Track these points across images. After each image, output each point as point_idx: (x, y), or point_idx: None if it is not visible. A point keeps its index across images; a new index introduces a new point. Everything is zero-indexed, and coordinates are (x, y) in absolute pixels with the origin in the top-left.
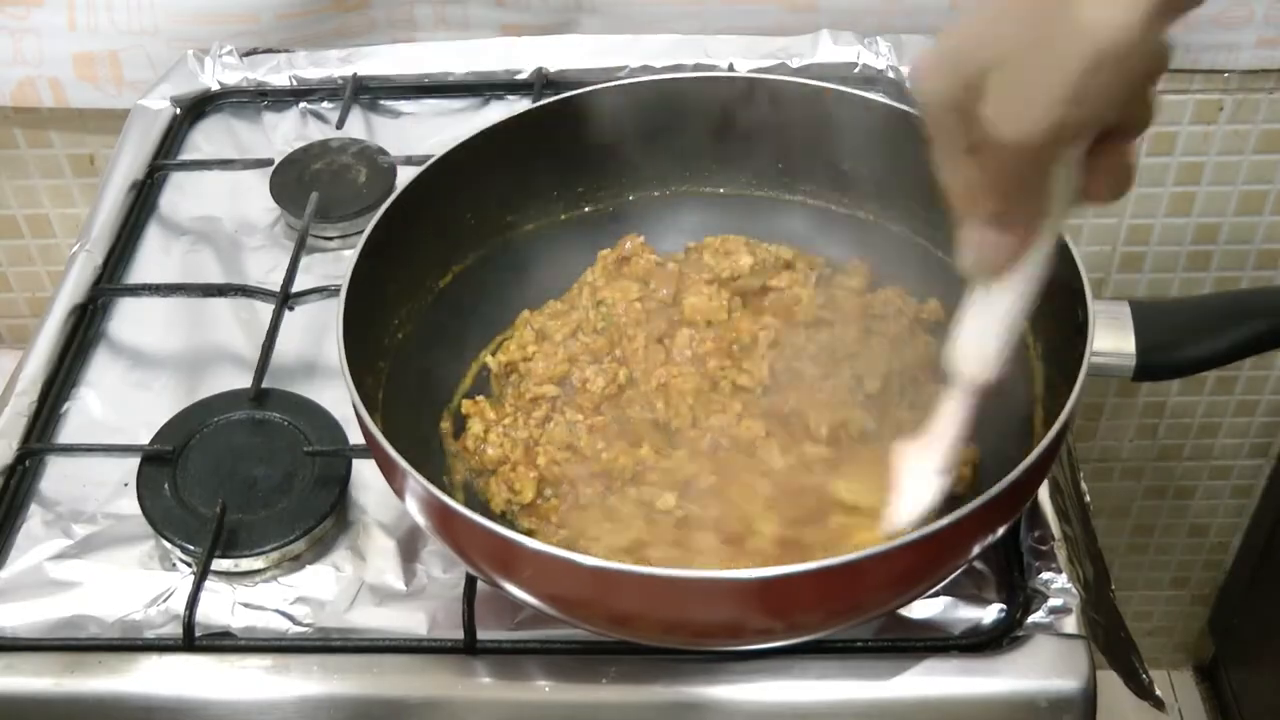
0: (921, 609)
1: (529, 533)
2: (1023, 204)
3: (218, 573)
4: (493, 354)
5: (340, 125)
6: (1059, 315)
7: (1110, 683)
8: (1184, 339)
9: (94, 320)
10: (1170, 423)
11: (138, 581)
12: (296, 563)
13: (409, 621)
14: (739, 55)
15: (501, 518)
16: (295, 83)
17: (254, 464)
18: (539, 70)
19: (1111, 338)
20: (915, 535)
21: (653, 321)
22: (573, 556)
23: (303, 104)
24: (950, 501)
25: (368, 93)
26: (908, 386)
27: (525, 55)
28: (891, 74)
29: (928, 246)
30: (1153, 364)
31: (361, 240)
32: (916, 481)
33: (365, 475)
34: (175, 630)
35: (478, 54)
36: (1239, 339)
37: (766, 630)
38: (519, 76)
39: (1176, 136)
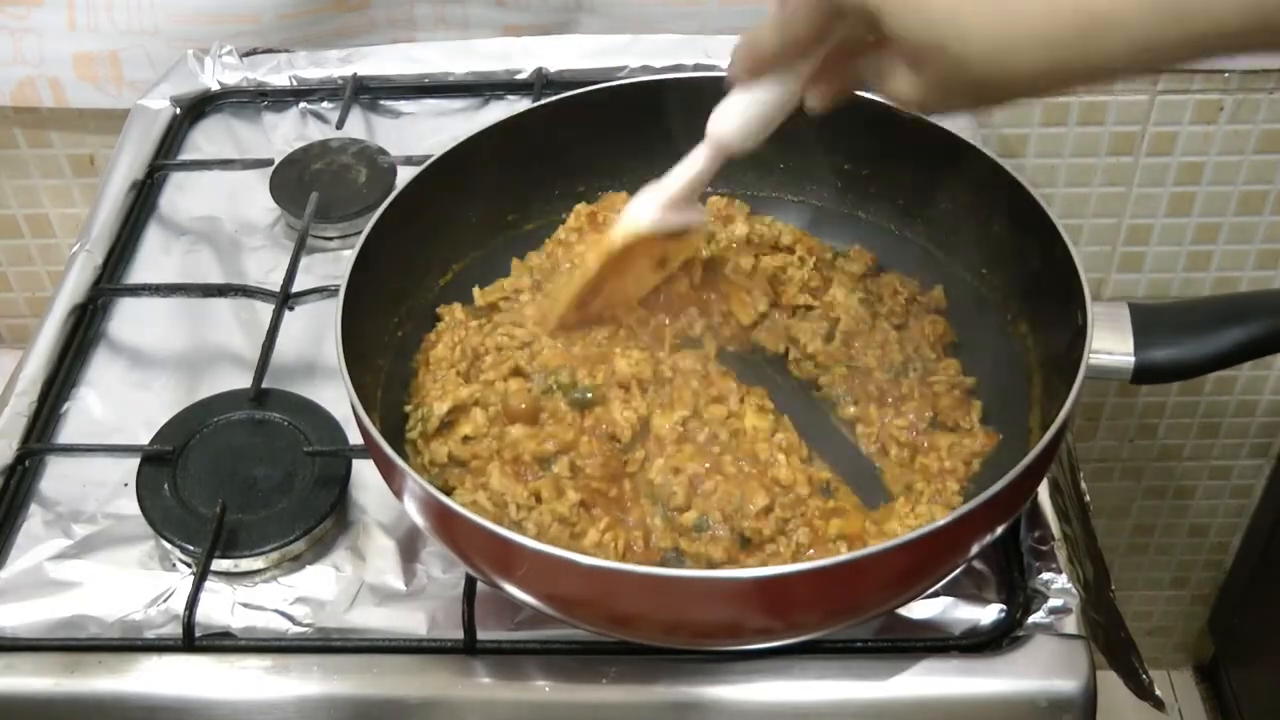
0: (921, 609)
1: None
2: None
3: (218, 573)
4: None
5: (340, 125)
6: (1058, 317)
7: (1110, 683)
8: (1183, 342)
9: (94, 320)
10: (1170, 423)
11: (138, 581)
12: (296, 563)
13: (409, 621)
14: None
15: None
16: (295, 83)
17: (254, 464)
18: (539, 70)
19: (1110, 341)
20: (915, 535)
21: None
22: (572, 556)
23: (303, 104)
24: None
25: (368, 93)
26: (914, 359)
27: (525, 55)
28: None
29: (928, 248)
30: (1151, 367)
31: (360, 240)
32: (640, 205)
33: (365, 475)
34: (175, 630)
35: (478, 54)
36: (1238, 343)
37: (766, 630)
38: (519, 76)
39: (1176, 136)
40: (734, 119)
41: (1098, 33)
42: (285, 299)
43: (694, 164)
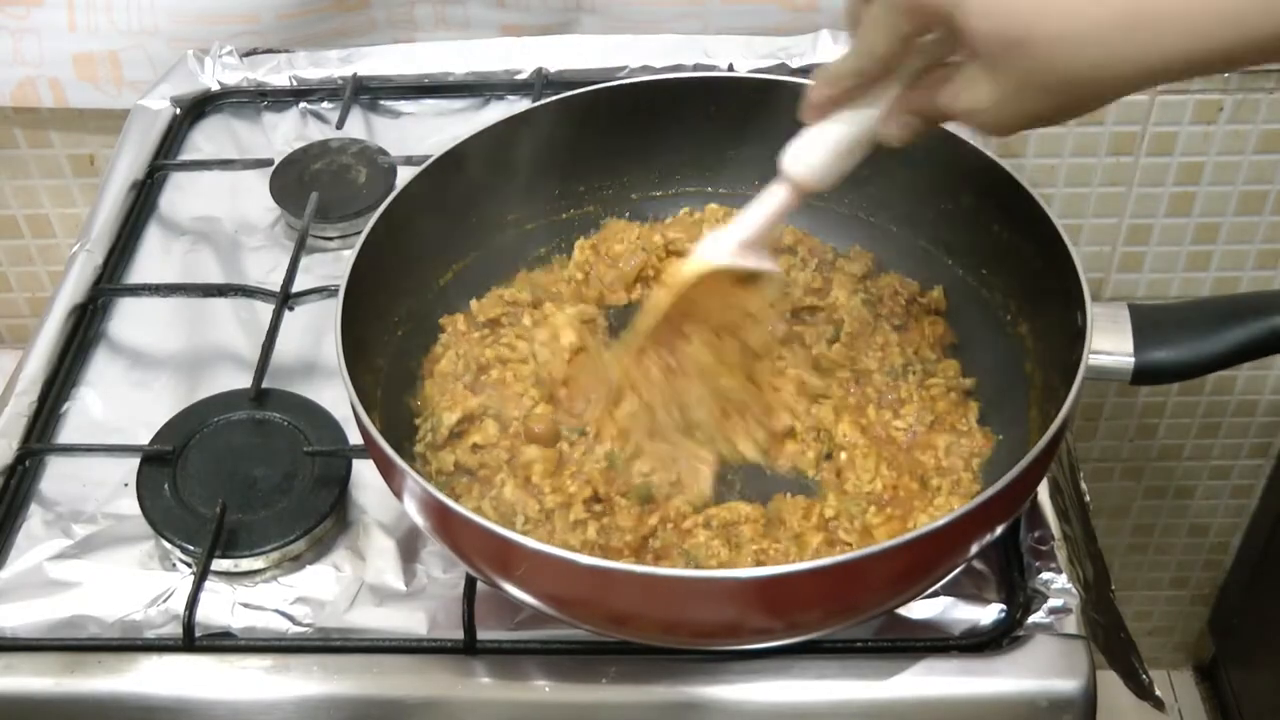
0: (921, 609)
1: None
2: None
3: (218, 573)
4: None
5: (340, 125)
6: (1058, 318)
7: (1110, 683)
8: (1182, 343)
9: (94, 320)
10: (1170, 423)
11: (138, 581)
12: (296, 563)
13: (409, 621)
14: (739, 55)
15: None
16: (295, 83)
17: (254, 464)
18: (539, 70)
19: (1110, 342)
20: (914, 534)
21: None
22: (572, 556)
23: (303, 104)
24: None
25: (368, 93)
26: (914, 361)
27: (525, 55)
28: None
29: (928, 248)
30: (1150, 368)
31: (360, 240)
32: (711, 242)
33: (365, 475)
34: (175, 630)
35: (478, 54)
36: (1238, 344)
37: (766, 630)
38: (519, 76)
39: (1176, 136)
40: (813, 155)
41: (1208, 24)
42: (285, 299)
43: (769, 205)
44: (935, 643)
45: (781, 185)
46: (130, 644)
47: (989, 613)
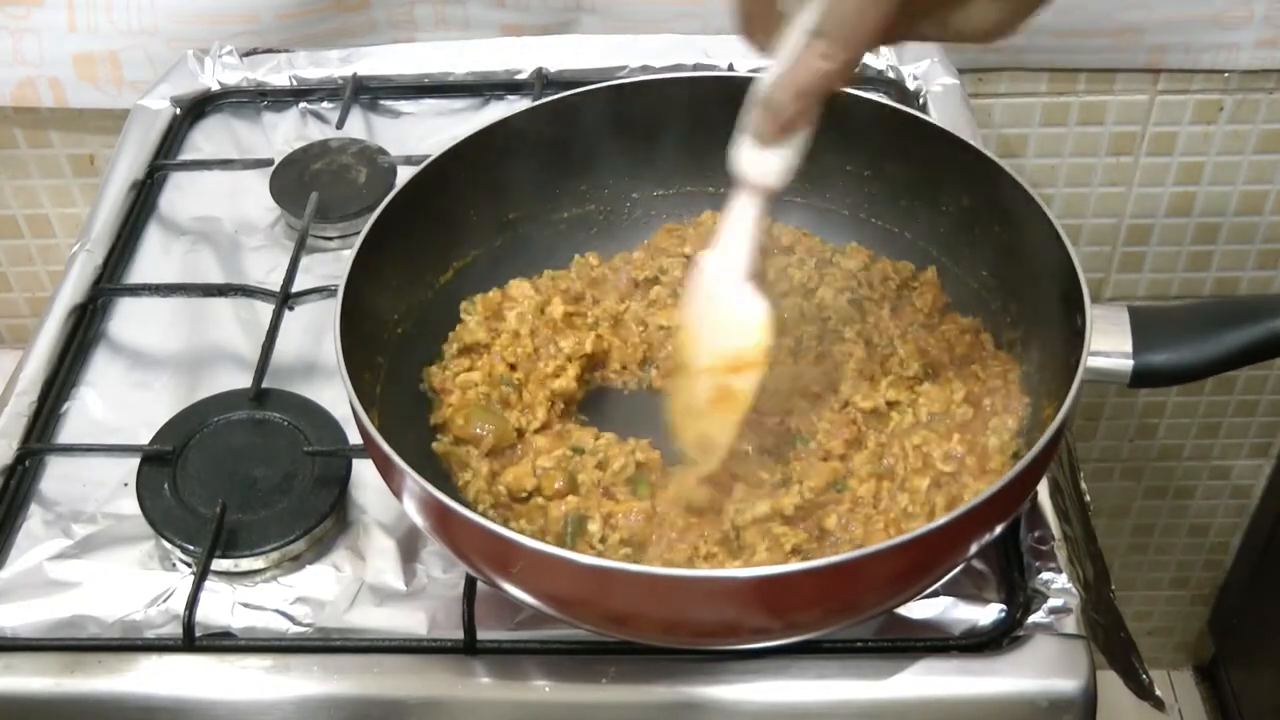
0: (921, 609)
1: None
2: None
3: (218, 573)
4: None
5: (340, 125)
6: (1058, 319)
7: (1110, 683)
8: (1181, 347)
9: (94, 320)
10: (1170, 423)
11: (138, 581)
12: (296, 563)
13: (409, 621)
14: (739, 55)
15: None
16: (295, 83)
17: (254, 464)
18: (539, 70)
19: (1109, 344)
20: (914, 534)
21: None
22: (570, 556)
23: (303, 104)
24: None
25: (368, 93)
26: (910, 328)
27: (525, 55)
28: (891, 74)
29: (928, 248)
30: (1149, 371)
31: (360, 240)
32: (731, 293)
33: (365, 475)
34: (175, 630)
35: (478, 54)
36: (1237, 347)
37: (765, 629)
38: (519, 76)
39: (1176, 136)
40: (780, 160)
41: None
42: (285, 299)
43: (747, 219)
44: (935, 643)
45: (750, 195)
46: (130, 644)
47: (989, 613)
